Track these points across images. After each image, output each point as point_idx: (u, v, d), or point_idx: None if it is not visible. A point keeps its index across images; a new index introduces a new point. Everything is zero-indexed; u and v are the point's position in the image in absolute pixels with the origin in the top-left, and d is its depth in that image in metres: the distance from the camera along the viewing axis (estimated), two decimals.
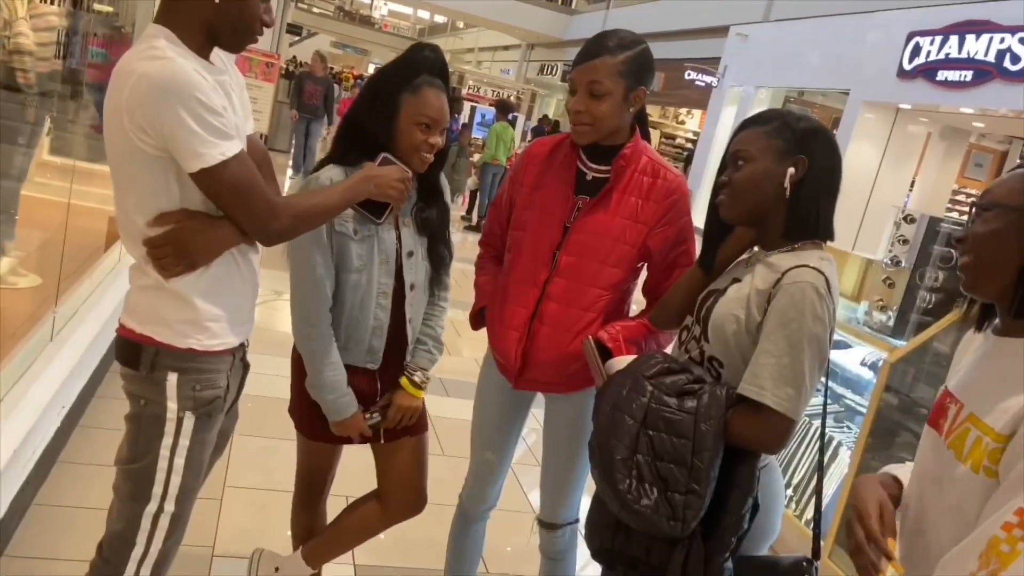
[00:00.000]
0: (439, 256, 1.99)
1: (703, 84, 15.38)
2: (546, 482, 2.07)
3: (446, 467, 3.36)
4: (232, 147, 1.39)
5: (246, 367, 1.74)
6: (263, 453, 3.10)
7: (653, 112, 20.35)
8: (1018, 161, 12.46)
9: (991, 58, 8.97)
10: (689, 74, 15.45)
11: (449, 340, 5.51)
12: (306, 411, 1.96)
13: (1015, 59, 8.65)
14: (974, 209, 1.21)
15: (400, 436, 2.03)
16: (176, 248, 1.44)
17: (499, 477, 2.15)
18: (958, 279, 1.25)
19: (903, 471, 1.38)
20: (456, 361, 4.91)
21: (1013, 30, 8.66)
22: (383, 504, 2.07)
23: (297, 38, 19.62)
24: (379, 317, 1.89)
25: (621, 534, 1.53)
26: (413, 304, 1.94)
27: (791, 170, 1.49)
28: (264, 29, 1.51)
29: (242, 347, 1.68)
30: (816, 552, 1.53)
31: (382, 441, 2.01)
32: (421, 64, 1.83)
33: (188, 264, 1.47)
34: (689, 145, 18.51)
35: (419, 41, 1.95)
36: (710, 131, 14.96)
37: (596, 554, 1.63)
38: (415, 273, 1.94)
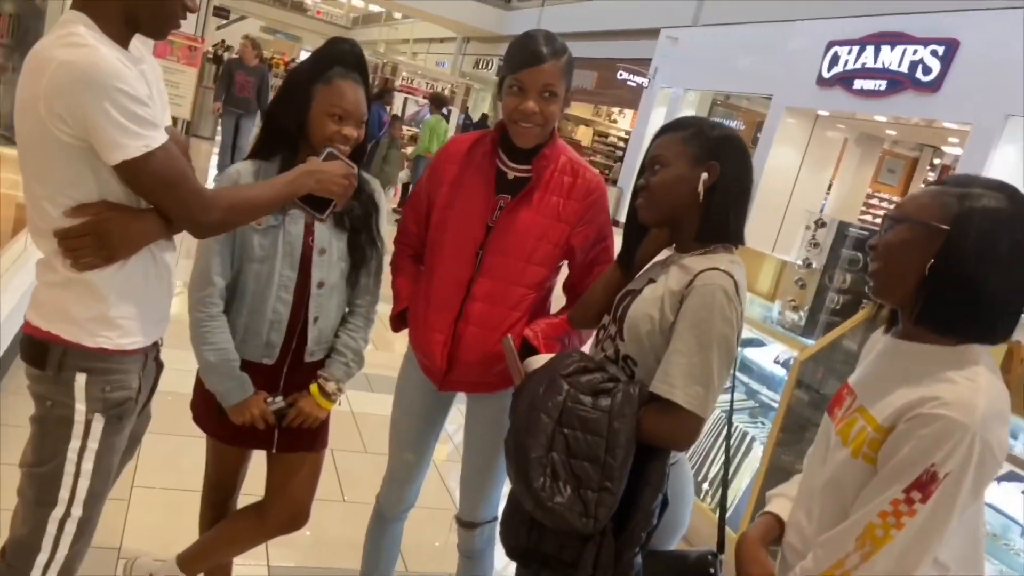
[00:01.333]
0: (360, 254, 1.95)
1: (635, 84, 15.62)
2: (466, 480, 2.08)
3: (368, 464, 3.34)
4: (158, 137, 1.35)
5: (159, 367, 1.69)
6: (175, 452, 3.00)
7: (586, 111, 20.57)
8: (928, 168, 13.08)
9: (904, 69, 9.38)
10: (621, 74, 15.67)
11: (378, 334, 5.45)
12: (205, 408, 1.92)
13: (927, 70, 9.07)
14: (887, 220, 1.29)
15: (297, 449, 1.98)
16: (96, 239, 1.39)
17: (417, 478, 2.14)
18: (865, 282, 1.34)
19: (784, 501, 1.47)
20: (384, 356, 4.86)
21: (925, 42, 9.08)
22: (262, 517, 2.02)
23: (224, 22, 19.02)
24: (278, 311, 1.85)
25: (535, 532, 1.55)
26: (320, 303, 1.89)
27: (704, 175, 1.54)
28: (187, 13, 1.47)
29: (155, 346, 1.63)
30: (721, 545, 1.58)
31: (274, 450, 1.96)
32: (336, 56, 1.81)
33: (106, 256, 1.42)
34: (621, 144, 18.77)
35: (338, 36, 1.92)
36: (641, 130, 15.20)
37: (511, 552, 1.65)
38: (326, 271, 1.88)
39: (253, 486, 2.12)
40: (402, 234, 2.08)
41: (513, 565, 1.73)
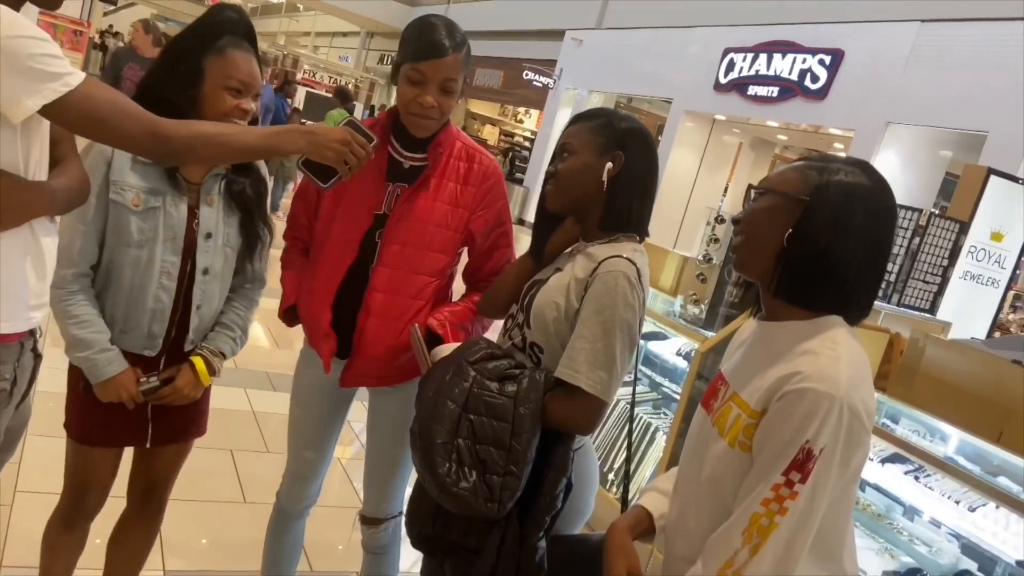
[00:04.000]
0: (254, 236, 1.86)
1: (540, 85, 15.79)
2: (370, 475, 2.04)
3: (270, 465, 3.24)
4: (77, 74, 1.26)
5: (37, 358, 1.57)
6: (61, 455, 2.83)
7: (492, 110, 20.64)
8: None
9: (794, 76, 9.85)
10: (527, 74, 15.82)
11: (280, 332, 5.32)
12: (77, 408, 1.80)
13: (815, 78, 9.55)
14: (751, 192, 1.33)
15: (175, 440, 1.91)
16: None
17: (319, 475, 2.09)
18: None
19: (656, 495, 1.48)
20: (286, 355, 4.73)
21: (814, 51, 9.57)
22: (129, 511, 1.99)
23: (112, 7, 18.05)
24: (160, 299, 1.74)
25: (440, 519, 1.55)
26: (204, 290, 1.79)
27: (608, 164, 1.57)
28: None
29: (32, 335, 1.52)
30: None
31: (148, 445, 1.86)
32: (224, 25, 1.70)
33: None
34: (527, 144, 18.94)
35: (222, 2, 1.83)
36: (547, 131, 15.37)
37: (416, 541, 1.64)
38: (211, 257, 1.78)
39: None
40: (293, 227, 1.99)
41: (419, 563, 1.72)
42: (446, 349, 1.67)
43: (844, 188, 1.21)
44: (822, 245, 1.20)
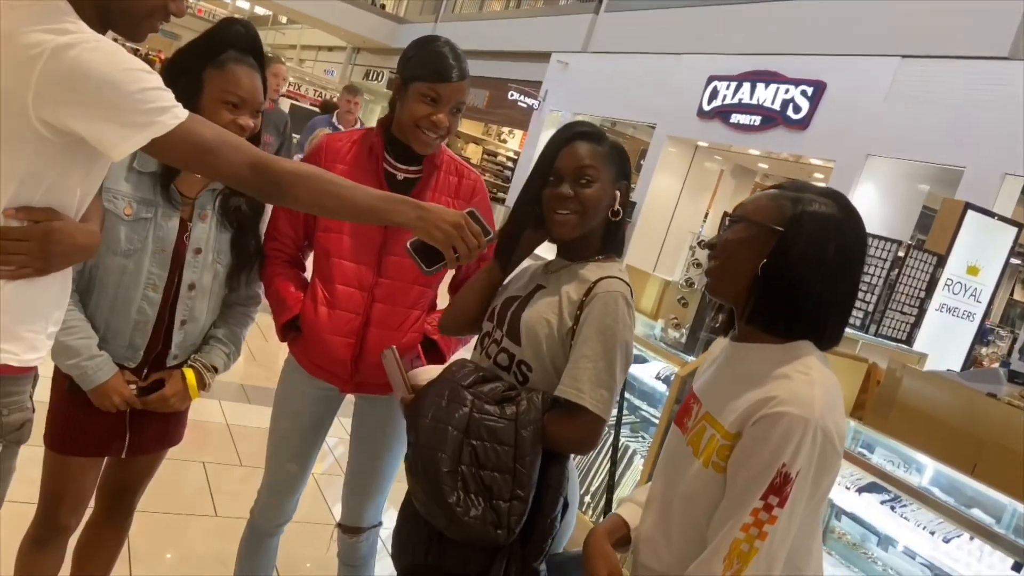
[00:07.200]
0: (243, 256, 1.83)
1: (525, 105, 15.88)
2: (351, 483, 2.03)
3: (244, 479, 3.20)
4: (180, 107, 1.23)
5: (35, 378, 1.49)
6: (30, 463, 2.76)
7: (476, 128, 20.72)
8: None
9: (777, 106, 9.99)
10: (512, 95, 15.90)
11: (255, 345, 5.26)
12: (57, 414, 1.76)
13: (797, 109, 9.69)
14: (726, 219, 1.34)
15: (147, 451, 1.88)
16: (39, 247, 1.23)
17: (298, 490, 2.06)
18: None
19: (632, 506, 1.49)
20: (261, 368, 4.68)
21: (796, 82, 9.71)
22: (97, 516, 1.95)
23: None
24: (144, 311, 1.71)
25: (435, 548, 1.52)
26: (190, 306, 1.77)
27: (617, 194, 1.59)
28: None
29: None
30: None
31: (124, 454, 1.82)
32: (229, 39, 1.69)
33: (40, 268, 1.26)
34: (510, 164, 19.01)
35: (231, 16, 1.82)
36: (530, 152, 15.45)
37: (408, 572, 1.60)
38: (199, 273, 1.76)
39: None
40: (275, 239, 1.93)
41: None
42: (425, 372, 1.65)
43: (818, 220, 1.23)
44: (796, 275, 1.22)
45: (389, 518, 3.23)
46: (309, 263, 2.00)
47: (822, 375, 1.21)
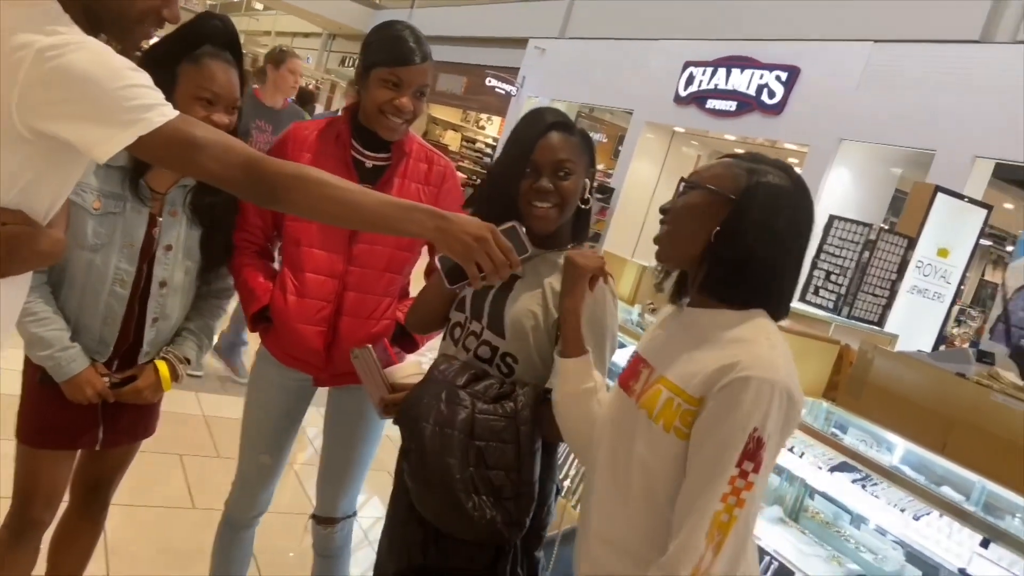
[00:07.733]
0: (213, 254, 1.81)
1: (503, 92, 15.81)
2: (326, 474, 2.02)
3: (221, 470, 3.18)
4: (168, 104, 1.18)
5: None
6: (2, 458, 2.74)
7: (454, 115, 20.62)
8: None
9: (752, 91, 10.02)
10: (490, 81, 15.81)
11: None
12: (29, 407, 1.75)
13: (771, 94, 9.73)
14: (682, 184, 1.35)
15: (121, 443, 1.87)
16: (1, 251, 1.19)
17: (272, 482, 2.05)
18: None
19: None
20: None
21: (771, 67, 9.75)
22: (71, 510, 1.93)
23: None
24: (111, 307, 1.69)
25: (433, 549, 1.53)
26: (162, 303, 1.75)
27: (587, 182, 1.61)
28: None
29: None
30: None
31: (98, 447, 1.81)
32: (206, 33, 1.67)
33: (2, 271, 1.22)
34: (489, 150, 18.95)
35: (208, 11, 1.79)
36: None
37: (404, 575, 1.59)
38: (170, 270, 1.74)
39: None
40: (243, 229, 1.91)
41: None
42: (399, 371, 1.66)
43: (771, 190, 1.25)
44: (746, 245, 1.24)
45: (370, 509, 3.24)
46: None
47: (780, 339, 1.24)
